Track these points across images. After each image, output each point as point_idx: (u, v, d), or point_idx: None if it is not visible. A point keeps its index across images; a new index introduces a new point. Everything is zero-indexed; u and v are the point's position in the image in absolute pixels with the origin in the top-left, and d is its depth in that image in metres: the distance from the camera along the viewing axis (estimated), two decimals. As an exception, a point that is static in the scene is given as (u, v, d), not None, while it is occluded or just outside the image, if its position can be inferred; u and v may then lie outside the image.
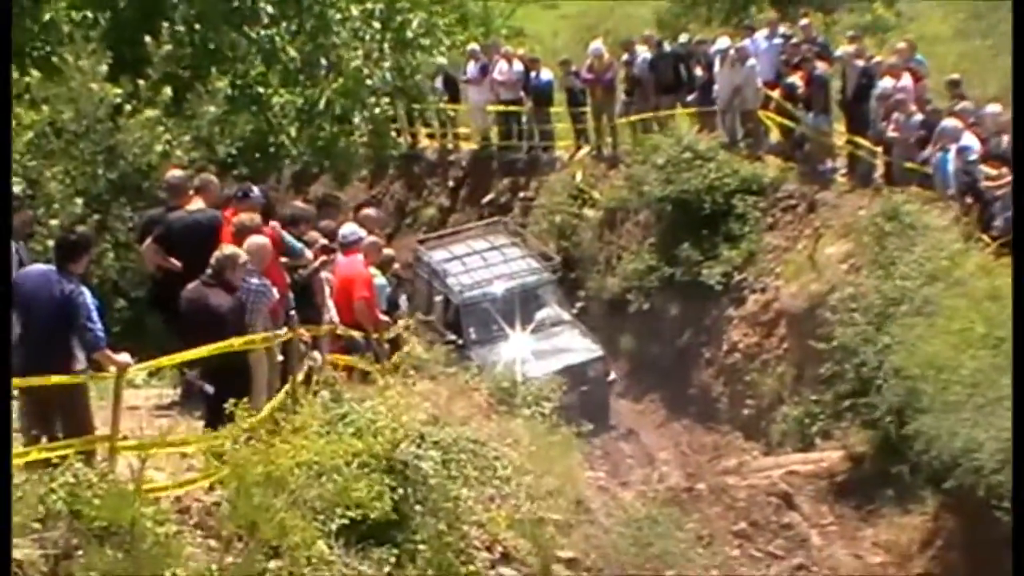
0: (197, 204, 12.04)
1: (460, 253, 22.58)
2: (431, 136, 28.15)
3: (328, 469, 8.75)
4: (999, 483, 12.88)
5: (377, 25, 19.59)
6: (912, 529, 15.36)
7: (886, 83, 19.41)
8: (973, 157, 16.93)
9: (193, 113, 16.04)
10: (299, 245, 12.35)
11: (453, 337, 20.58)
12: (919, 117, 18.55)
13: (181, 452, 9.20)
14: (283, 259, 11.93)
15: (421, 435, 10.72)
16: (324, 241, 12.99)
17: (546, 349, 20.66)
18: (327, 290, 12.78)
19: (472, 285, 21.64)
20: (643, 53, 23.77)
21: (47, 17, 16.09)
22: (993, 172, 16.71)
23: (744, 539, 16.02)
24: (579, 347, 21.03)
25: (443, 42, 21.42)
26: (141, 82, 15.65)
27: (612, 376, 21.19)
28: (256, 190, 12.17)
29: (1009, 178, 16.26)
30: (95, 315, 8.92)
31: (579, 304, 22.82)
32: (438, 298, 22.02)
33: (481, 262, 22.25)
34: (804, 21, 22.90)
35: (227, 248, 10.57)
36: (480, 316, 21.36)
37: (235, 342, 9.79)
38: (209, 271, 10.50)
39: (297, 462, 8.61)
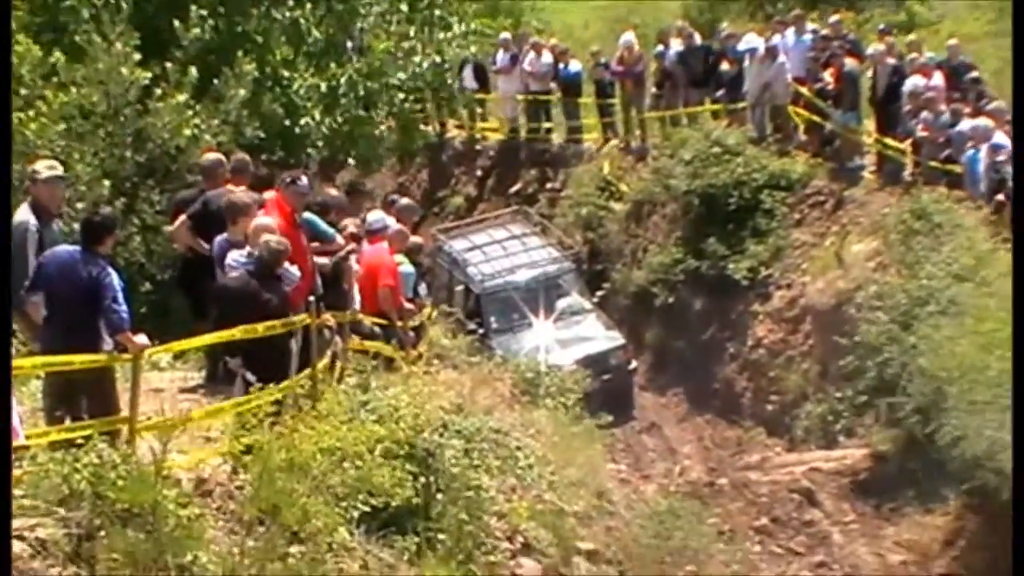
0: (239, 188, 12.01)
1: (481, 242, 22.59)
2: (459, 125, 28.15)
3: (351, 455, 8.75)
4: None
5: (405, 8, 19.58)
6: (934, 529, 15.31)
7: (916, 81, 19.31)
8: (1003, 156, 16.83)
9: (220, 96, 16.06)
10: (331, 231, 12.36)
11: (474, 326, 20.59)
12: (948, 116, 18.45)
13: (205, 435, 9.22)
14: (314, 244, 11.94)
15: (444, 423, 10.73)
16: (354, 229, 12.99)
17: (568, 338, 20.67)
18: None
19: (493, 274, 21.65)
20: (675, 46, 23.73)
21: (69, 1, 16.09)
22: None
23: (765, 535, 16.01)
24: (600, 336, 21.05)
25: (472, 29, 21.33)
26: (169, 65, 15.67)
27: (634, 365, 21.18)
28: (304, 178, 12.16)
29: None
30: (120, 296, 8.95)
31: (600, 294, 22.79)
32: (459, 287, 22.04)
33: (502, 251, 22.26)
34: (834, 18, 22.80)
35: (273, 240, 10.50)
36: (501, 305, 21.37)
37: (276, 324, 9.81)
38: (255, 261, 10.44)
39: (320, 448, 8.61)
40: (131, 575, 7.57)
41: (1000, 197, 16.74)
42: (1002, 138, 17.12)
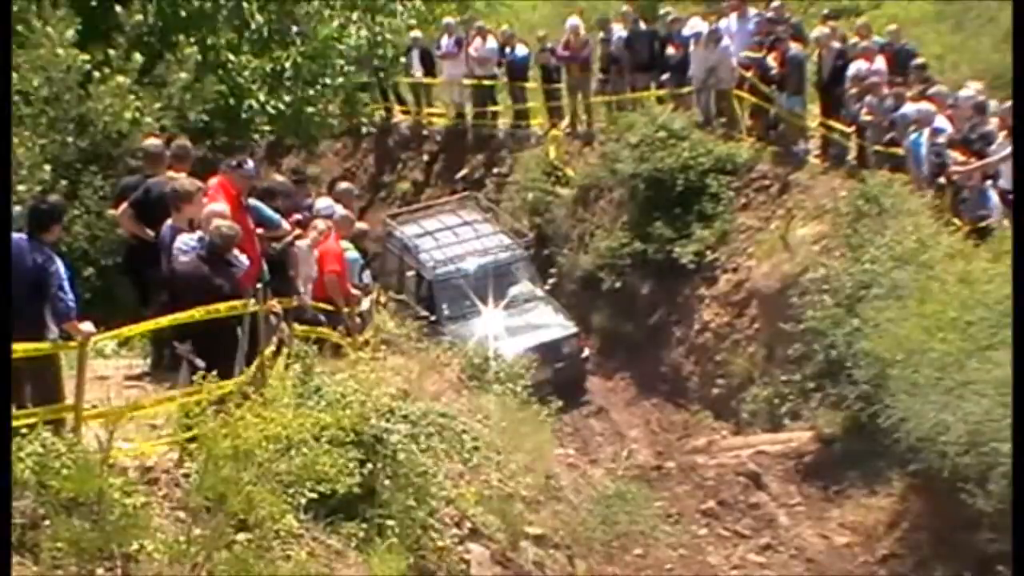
0: (180, 175, 11.94)
1: (432, 228, 22.52)
2: (405, 111, 28.07)
3: (297, 443, 8.72)
4: (965, 465, 12.95)
5: None
6: (879, 510, 15.44)
7: (860, 65, 19.43)
8: (943, 140, 16.98)
9: (163, 80, 15.93)
10: (276, 217, 12.32)
11: (426, 313, 20.56)
12: (892, 100, 18.57)
13: (151, 423, 9.17)
14: (259, 230, 11.89)
15: (391, 409, 10.71)
16: (298, 216, 12.96)
17: (520, 325, 20.67)
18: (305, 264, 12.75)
19: (445, 261, 21.60)
20: (619, 31, 23.75)
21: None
22: (961, 158, 16.73)
23: (712, 518, 16.08)
24: (553, 323, 21.06)
25: (415, 7, 21.26)
26: (111, 50, 15.53)
27: (586, 353, 21.21)
28: (250, 162, 12.09)
29: (976, 165, 16.31)
30: (67, 285, 8.89)
31: (551, 281, 22.82)
32: (410, 274, 21.98)
33: (453, 238, 22.21)
34: (776, 2, 22.92)
35: (225, 225, 10.45)
36: (453, 292, 21.32)
37: (222, 307, 9.77)
38: (207, 246, 10.39)
39: (266, 435, 8.58)
40: (76, 564, 7.52)
41: (941, 180, 16.89)
42: (943, 122, 17.25)
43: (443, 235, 22.25)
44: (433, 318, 20.46)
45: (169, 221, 11.25)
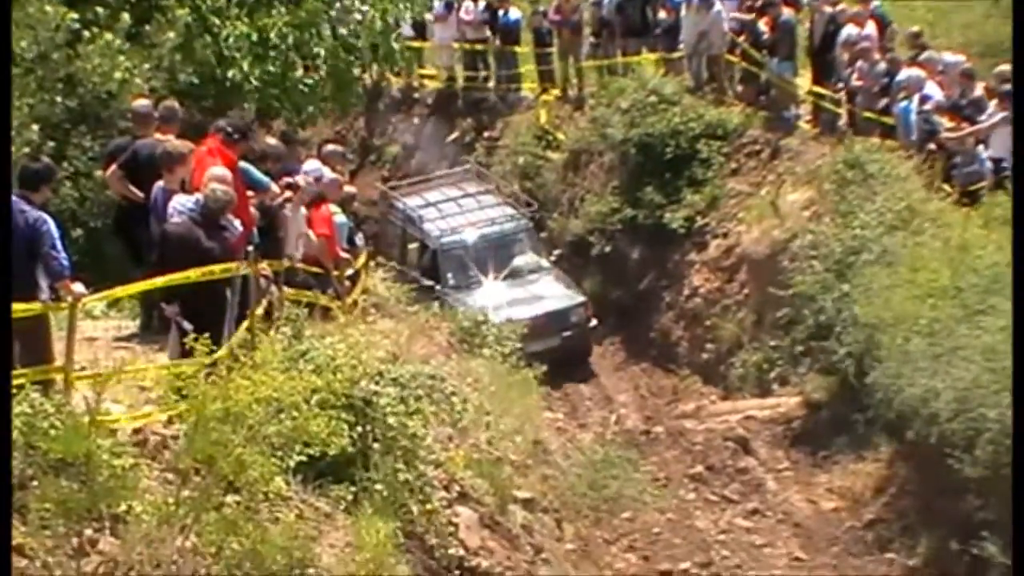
0: (168, 137, 11.90)
1: (435, 200, 22.44)
2: (396, 73, 27.96)
3: (287, 405, 8.71)
4: (953, 431, 12.99)
5: None
6: (866, 476, 15.49)
7: (850, 31, 19.37)
8: (930, 106, 16.97)
9: (152, 41, 15.83)
10: (266, 180, 12.29)
11: (430, 283, 20.50)
12: (883, 66, 18.54)
13: (140, 385, 9.16)
14: (249, 193, 11.85)
15: (380, 372, 10.70)
16: (289, 179, 12.92)
17: (525, 296, 20.64)
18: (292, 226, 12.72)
19: (450, 230, 21.55)
20: (611, -6, 23.67)
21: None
22: (950, 124, 16.71)
23: (700, 483, 16.12)
24: (559, 294, 21.02)
25: None
26: (100, 9, 15.41)
27: (594, 323, 21.19)
28: (255, 129, 12.08)
29: (968, 130, 16.30)
30: (59, 244, 8.88)
31: (556, 252, 22.75)
32: (413, 244, 21.92)
33: (457, 208, 22.14)
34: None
35: (220, 189, 10.41)
36: (458, 262, 21.30)
37: (214, 270, 9.75)
38: (200, 209, 10.35)
39: (256, 398, 8.57)
40: (64, 525, 7.52)
41: (931, 146, 16.87)
42: (933, 88, 17.23)
43: (446, 206, 22.17)
44: (437, 288, 20.43)
45: (160, 183, 11.21)
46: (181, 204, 10.61)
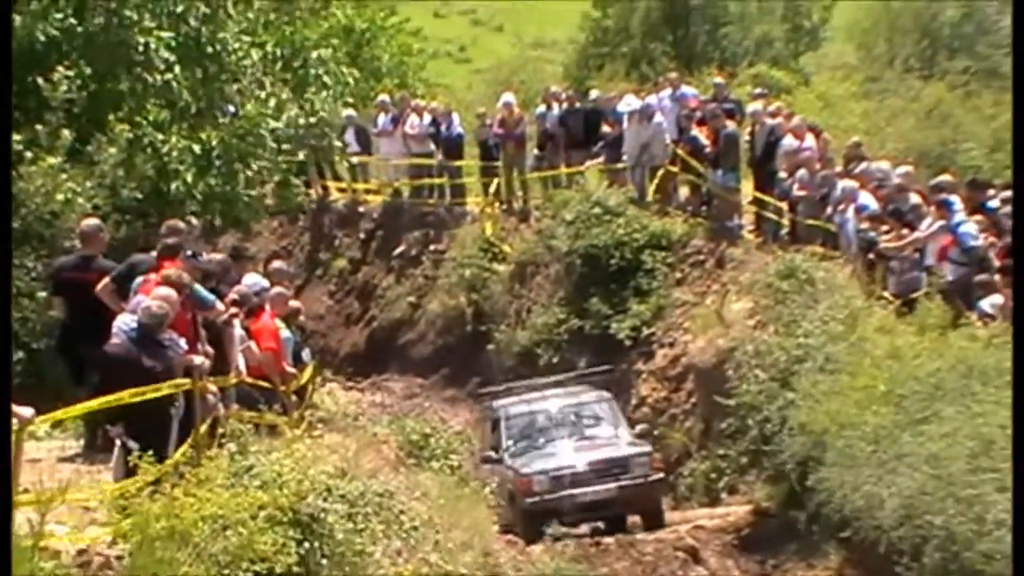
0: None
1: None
2: (341, 189, 28.13)
3: (233, 522, 8.65)
4: (900, 539, 13.03)
5: (279, 68, 19.48)
6: (816, 583, 15.49)
7: (790, 142, 19.75)
8: (865, 218, 17.27)
9: (93, 159, 15.85)
10: (211, 297, 12.27)
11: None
12: (822, 176, 18.88)
13: (84, 506, 9.06)
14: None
15: (328, 488, 10.64)
16: (235, 295, 12.93)
17: (584, 445, 18.66)
18: (238, 343, 12.70)
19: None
20: (554, 108, 24.02)
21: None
22: (888, 231, 16.98)
23: (651, 594, 16.05)
24: (621, 440, 18.77)
25: (347, 83, 21.20)
26: (40, 127, 15.43)
27: (659, 476, 18.43)
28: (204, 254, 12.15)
29: (908, 238, 16.57)
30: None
31: (489, 352, 22.46)
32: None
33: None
34: (718, 80, 23.24)
35: (155, 304, 10.39)
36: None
37: (159, 388, 9.70)
38: (137, 328, 10.31)
39: (202, 515, 8.51)
40: (6, 650, 7.41)
41: (871, 257, 17.13)
42: (867, 199, 17.56)
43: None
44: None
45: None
46: (124, 323, 10.59)
